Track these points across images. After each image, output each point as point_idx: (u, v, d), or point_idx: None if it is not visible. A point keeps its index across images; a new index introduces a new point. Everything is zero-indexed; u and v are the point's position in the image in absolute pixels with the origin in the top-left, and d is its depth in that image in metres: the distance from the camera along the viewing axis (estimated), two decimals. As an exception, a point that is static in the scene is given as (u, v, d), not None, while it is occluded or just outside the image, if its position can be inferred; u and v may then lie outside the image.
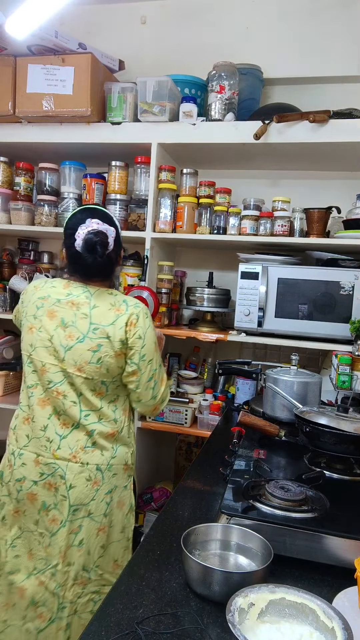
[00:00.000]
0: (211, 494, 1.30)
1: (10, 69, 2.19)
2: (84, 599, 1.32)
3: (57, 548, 1.30)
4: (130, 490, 1.43)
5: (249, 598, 0.76)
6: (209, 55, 2.29)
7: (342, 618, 0.71)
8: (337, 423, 1.29)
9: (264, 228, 2.12)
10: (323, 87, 2.38)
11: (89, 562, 1.33)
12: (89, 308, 1.33)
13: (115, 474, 1.37)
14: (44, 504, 1.31)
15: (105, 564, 1.36)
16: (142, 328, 1.34)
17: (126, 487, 1.41)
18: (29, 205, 2.38)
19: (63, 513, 1.30)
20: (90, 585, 1.33)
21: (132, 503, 1.44)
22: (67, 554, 1.30)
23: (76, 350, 1.31)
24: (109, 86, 2.20)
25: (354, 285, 1.95)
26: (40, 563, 1.32)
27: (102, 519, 1.34)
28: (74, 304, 1.34)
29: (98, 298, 1.35)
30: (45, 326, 1.34)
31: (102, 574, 1.35)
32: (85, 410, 1.33)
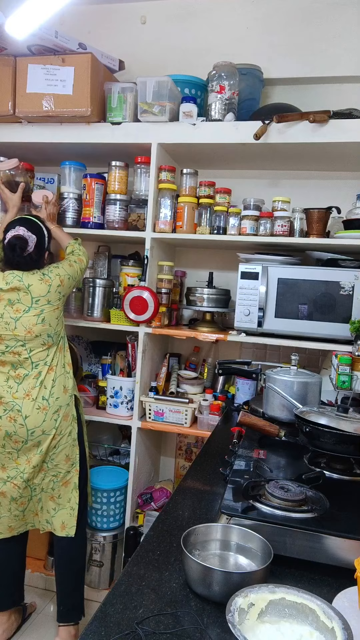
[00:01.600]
0: (211, 494, 1.30)
1: (10, 69, 2.19)
2: (46, 480, 1.91)
3: (23, 458, 1.86)
4: (72, 406, 1.93)
5: (249, 598, 0.76)
6: (209, 55, 2.29)
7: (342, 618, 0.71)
8: (337, 423, 1.29)
9: (264, 228, 2.12)
10: (323, 87, 2.38)
11: (47, 459, 1.88)
12: (26, 287, 1.82)
13: (58, 397, 1.87)
14: (6, 432, 1.82)
15: (58, 458, 1.90)
16: (63, 273, 1.92)
17: (68, 404, 1.91)
18: (30, 205, 2.38)
19: (22, 436, 1.83)
20: (50, 471, 1.90)
21: (73, 414, 1.93)
22: (31, 459, 1.85)
23: (24, 319, 1.82)
24: (109, 86, 2.20)
25: (354, 285, 1.95)
26: (12, 472, 1.86)
27: (53, 431, 1.86)
28: (14, 288, 1.82)
29: (29, 278, 1.83)
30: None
31: (57, 464, 1.90)
32: (35, 362, 1.85)
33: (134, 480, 2.27)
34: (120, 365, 2.35)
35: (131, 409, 2.28)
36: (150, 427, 2.25)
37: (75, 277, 1.98)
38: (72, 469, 1.93)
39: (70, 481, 1.93)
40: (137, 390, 2.24)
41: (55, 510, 1.93)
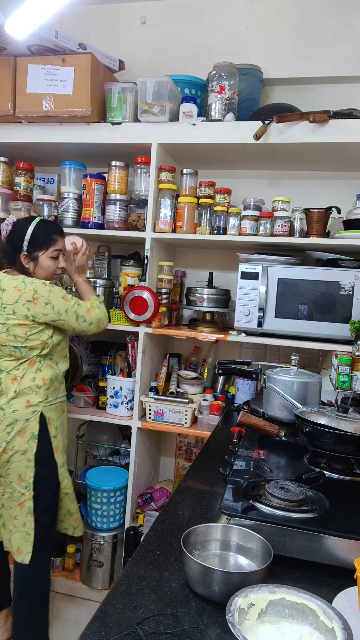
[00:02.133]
0: (211, 494, 1.30)
1: (10, 69, 2.19)
2: (5, 495, 1.78)
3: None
4: (34, 424, 1.76)
5: (248, 598, 0.76)
6: (209, 55, 2.29)
7: (342, 618, 0.71)
8: (337, 423, 1.29)
9: (264, 228, 2.12)
10: (323, 87, 2.38)
11: (2, 472, 1.76)
12: (1, 290, 1.75)
13: (16, 410, 1.74)
14: None
15: (12, 476, 1.76)
16: (45, 295, 1.74)
17: (28, 420, 1.76)
18: (29, 206, 2.38)
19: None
20: (7, 487, 1.77)
21: (34, 433, 1.76)
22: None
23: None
24: (109, 86, 2.20)
25: (354, 285, 1.95)
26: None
27: (3, 444, 1.73)
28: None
29: (7, 282, 1.76)
30: None
31: (11, 482, 1.76)
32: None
33: (134, 480, 2.27)
34: (120, 365, 2.35)
35: (131, 409, 2.28)
36: (150, 427, 2.25)
37: (63, 316, 1.77)
38: (27, 491, 1.74)
39: (25, 504, 1.74)
40: (137, 390, 2.24)
41: (12, 532, 1.76)
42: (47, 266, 1.82)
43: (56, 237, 1.84)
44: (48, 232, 1.83)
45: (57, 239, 1.84)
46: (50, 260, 1.82)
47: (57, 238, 1.85)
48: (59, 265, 1.85)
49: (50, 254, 1.82)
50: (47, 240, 1.82)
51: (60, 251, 1.86)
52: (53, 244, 1.83)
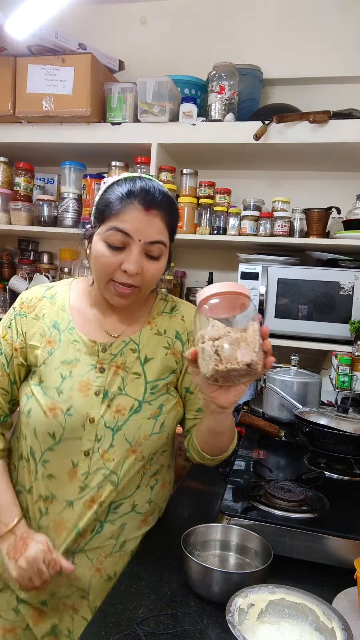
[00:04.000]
0: (211, 494, 1.30)
1: (10, 69, 2.19)
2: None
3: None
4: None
5: (248, 598, 0.76)
6: (209, 55, 2.28)
7: (342, 618, 0.71)
8: (337, 423, 1.29)
9: (264, 228, 2.12)
10: (323, 87, 2.38)
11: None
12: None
13: None
14: None
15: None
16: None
17: None
18: (29, 206, 2.38)
19: None
20: None
21: None
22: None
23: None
24: (108, 86, 2.20)
25: (354, 285, 1.95)
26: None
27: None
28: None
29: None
30: None
31: None
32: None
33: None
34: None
35: (131, 409, 2.28)
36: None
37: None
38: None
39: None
40: (137, 390, 2.23)
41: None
42: (97, 254, 0.98)
43: (128, 205, 0.96)
44: (122, 192, 0.97)
45: (130, 210, 0.96)
46: (104, 246, 0.97)
47: (130, 208, 0.96)
48: (123, 265, 0.97)
49: (104, 231, 0.97)
50: (110, 207, 0.97)
51: (130, 238, 0.96)
52: (115, 217, 0.96)
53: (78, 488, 1.02)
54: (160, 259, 1.01)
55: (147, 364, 1.06)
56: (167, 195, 1.01)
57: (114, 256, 0.97)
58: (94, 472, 1.02)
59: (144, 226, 0.96)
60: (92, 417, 1.01)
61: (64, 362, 1.03)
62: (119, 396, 1.03)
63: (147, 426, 1.03)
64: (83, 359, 1.04)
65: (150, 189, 0.98)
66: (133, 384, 1.04)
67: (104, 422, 1.01)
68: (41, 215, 2.35)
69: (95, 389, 1.02)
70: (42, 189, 2.51)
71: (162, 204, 0.98)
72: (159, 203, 0.98)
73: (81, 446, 1.01)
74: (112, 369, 1.04)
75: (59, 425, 1.00)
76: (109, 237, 0.97)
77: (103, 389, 1.03)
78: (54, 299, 1.11)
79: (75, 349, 1.05)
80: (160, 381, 1.06)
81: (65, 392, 1.01)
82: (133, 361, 1.06)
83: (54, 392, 1.02)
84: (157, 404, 1.05)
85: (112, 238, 0.96)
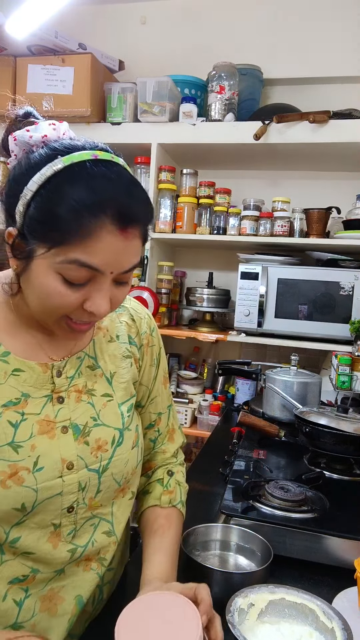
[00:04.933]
0: (211, 494, 1.30)
1: (10, 69, 2.19)
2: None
3: None
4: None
5: (248, 598, 0.76)
6: (209, 55, 2.29)
7: (342, 618, 0.71)
8: (337, 423, 1.29)
9: (264, 228, 2.12)
10: (323, 87, 2.38)
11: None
12: None
13: None
14: None
15: None
16: None
17: None
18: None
19: None
20: None
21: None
22: None
23: None
24: (108, 86, 2.20)
25: (354, 285, 1.95)
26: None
27: None
28: None
29: None
30: None
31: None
32: None
33: (133, 480, 2.27)
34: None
35: (131, 409, 2.27)
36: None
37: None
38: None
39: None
40: (137, 390, 2.23)
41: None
42: (46, 289, 0.67)
43: (96, 227, 0.63)
44: (84, 204, 0.62)
45: (99, 234, 0.63)
46: (57, 280, 0.67)
47: (99, 231, 0.63)
48: (87, 305, 0.69)
49: (59, 261, 0.65)
50: (72, 225, 0.63)
51: (99, 273, 0.67)
52: (76, 244, 0.64)
53: (68, 553, 0.76)
54: (129, 280, 0.74)
55: (115, 381, 0.84)
56: (147, 198, 0.71)
57: (73, 294, 0.67)
58: (82, 527, 0.79)
59: (120, 256, 0.67)
60: (69, 462, 0.75)
61: (8, 404, 0.72)
62: (96, 428, 0.79)
63: (133, 458, 0.84)
64: (32, 392, 0.75)
65: (129, 194, 0.66)
66: (107, 409, 0.81)
67: (85, 465, 0.77)
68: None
69: (59, 426, 0.76)
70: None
71: (143, 216, 0.69)
72: (140, 216, 0.68)
73: (62, 503, 0.75)
74: (72, 396, 0.78)
75: (28, 491, 0.71)
76: (66, 271, 0.65)
77: (70, 423, 0.77)
78: None
79: (19, 381, 0.74)
80: (132, 399, 0.87)
81: (25, 444, 0.72)
82: (97, 380, 0.82)
83: (8, 450, 0.71)
84: (134, 428, 0.85)
85: (72, 273, 0.65)
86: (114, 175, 0.65)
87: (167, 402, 1.00)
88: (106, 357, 0.84)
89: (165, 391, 0.99)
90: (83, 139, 0.70)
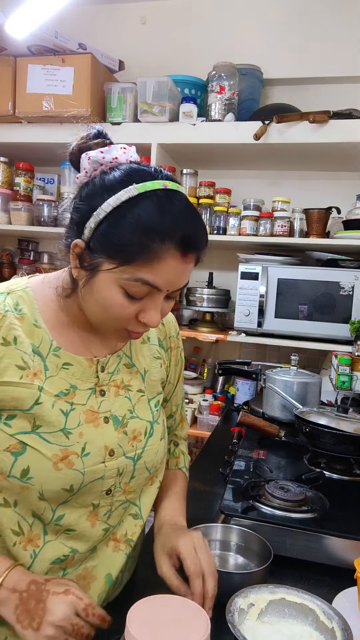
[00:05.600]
0: (211, 494, 1.30)
1: (10, 69, 2.19)
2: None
3: None
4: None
5: (248, 598, 0.76)
6: (209, 55, 2.29)
7: (342, 618, 0.71)
8: (337, 423, 1.29)
9: (264, 228, 2.12)
10: (323, 87, 2.38)
11: None
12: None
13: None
14: None
15: None
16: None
17: None
18: (29, 206, 2.38)
19: None
20: None
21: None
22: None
23: None
24: (108, 86, 2.20)
25: (354, 285, 1.95)
26: None
27: None
28: None
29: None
30: None
31: None
32: None
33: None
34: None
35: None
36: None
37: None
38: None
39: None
40: (137, 390, 2.23)
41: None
42: (109, 301, 0.76)
43: (163, 252, 0.71)
44: (155, 230, 0.71)
45: (165, 258, 0.72)
46: (120, 293, 0.75)
47: (165, 255, 0.72)
48: (142, 316, 0.78)
49: (125, 278, 0.73)
50: (142, 248, 0.71)
51: (153, 288, 0.74)
52: (142, 265, 0.72)
53: (102, 532, 0.85)
54: (177, 294, 0.84)
55: (147, 378, 0.93)
56: (204, 227, 0.78)
57: (131, 305, 0.75)
58: (116, 510, 0.87)
59: (178, 277, 0.75)
60: (111, 450, 0.83)
61: (59, 395, 0.80)
62: (132, 420, 0.88)
63: (161, 449, 0.93)
64: (79, 384, 0.83)
65: (192, 224, 0.75)
66: (140, 404, 0.90)
67: (123, 453, 0.85)
68: (41, 215, 2.35)
69: (102, 417, 0.84)
70: (42, 189, 2.51)
71: (202, 243, 0.76)
72: (199, 244, 0.75)
73: (102, 486, 0.83)
74: (112, 390, 0.87)
75: (76, 474, 0.79)
76: (130, 287, 0.73)
77: (111, 414, 0.85)
78: (20, 312, 0.80)
79: (69, 374, 0.82)
80: (159, 396, 0.96)
81: (74, 431, 0.80)
82: (133, 377, 0.91)
83: (60, 435, 0.78)
84: (161, 422, 0.94)
85: (134, 289, 0.73)
86: (181, 206, 0.74)
87: (182, 395, 1.10)
88: (140, 357, 0.93)
89: (181, 384, 1.09)
90: (152, 167, 0.79)
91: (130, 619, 0.62)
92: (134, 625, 0.61)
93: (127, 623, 0.61)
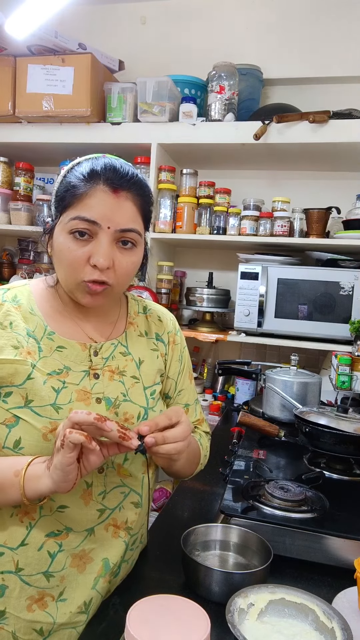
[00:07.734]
0: (211, 494, 1.30)
1: (10, 69, 2.19)
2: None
3: None
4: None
5: (248, 598, 0.76)
6: (209, 55, 2.29)
7: (342, 618, 0.71)
8: (336, 423, 1.29)
9: (264, 228, 2.12)
10: (323, 87, 2.38)
11: None
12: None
13: None
14: None
15: None
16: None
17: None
18: (29, 206, 2.38)
19: None
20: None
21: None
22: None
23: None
24: (108, 86, 2.20)
25: (354, 285, 1.95)
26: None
27: None
28: None
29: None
30: None
31: None
32: None
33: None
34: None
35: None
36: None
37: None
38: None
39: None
40: (137, 390, 2.23)
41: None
42: (61, 248, 0.85)
43: (92, 188, 0.82)
44: (85, 174, 0.83)
45: (95, 193, 0.82)
46: (68, 238, 0.83)
47: (94, 191, 0.82)
48: (91, 259, 0.83)
49: (67, 221, 0.83)
50: (70, 191, 0.83)
51: (97, 226, 0.82)
52: (77, 203, 0.83)
53: (96, 512, 0.88)
54: (134, 250, 0.87)
55: (142, 367, 0.97)
56: (137, 175, 0.89)
57: (80, 248, 0.82)
58: (112, 491, 0.89)
59: (113, 211, 0.82)
60: None
61: (52, 374, 0.86)
62: (125, 403, 0.91)
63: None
64: (73, 366, 0.88)
65: (117, 166, 0.85)
66: (134, 389, 0.94)
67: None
68: (41, 215, 2.35)
69: (94, 397, 0.88)
70: (42, 189, 2.51)
71: (132, 184, 0.86)
72: (129, 183, 0.85)
73: None
74: (106, 375, 0.91)
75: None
76: (72, 227, 0.82)
77: (104, 396, 0.89)
78: (17, 302, 0.90)
79: (62, 356, 0.88)
80: (156, 386, 0.98)
81: (65, 407, 0.85)
82: (128, 365, 0.94)
83: (50, 409, 0.84)
84: (158, 410, 0.96)
85: (77, 228, 0.82)
86: (111, 159, 0.87)
87: (193, 396, 1.11)
88: (136, 347, 0.98)
89: (191, 386, 1.10)
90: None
91: (130, 619, 0.62)
92: (134, 625, 0.61)
93: (127, 623, 0.62)
